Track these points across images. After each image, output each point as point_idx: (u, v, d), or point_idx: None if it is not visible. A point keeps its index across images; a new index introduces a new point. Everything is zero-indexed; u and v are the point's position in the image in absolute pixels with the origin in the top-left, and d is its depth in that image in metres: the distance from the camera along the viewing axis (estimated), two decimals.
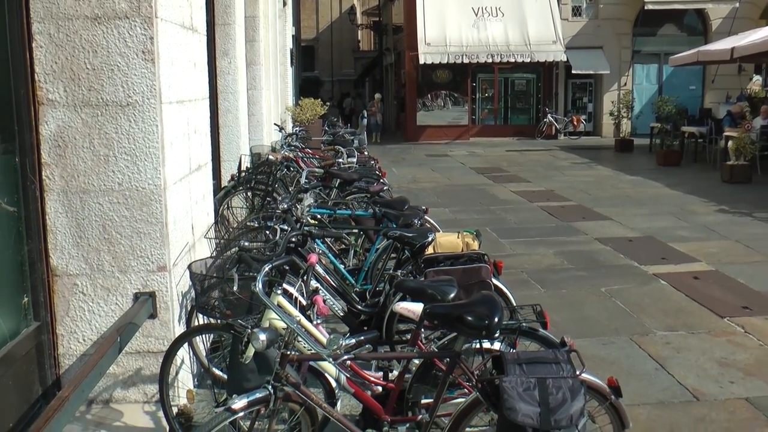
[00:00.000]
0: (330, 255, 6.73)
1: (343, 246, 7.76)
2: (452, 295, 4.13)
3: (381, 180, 9.79)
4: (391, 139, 28.69)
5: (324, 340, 3.71)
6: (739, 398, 5.60)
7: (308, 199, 6.20)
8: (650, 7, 27.78)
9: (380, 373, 4.40)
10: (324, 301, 4.40)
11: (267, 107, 14.14)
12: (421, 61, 27.19)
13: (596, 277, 8.88)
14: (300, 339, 3.72)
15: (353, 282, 6.40)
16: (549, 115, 28.76)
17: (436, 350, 4.25)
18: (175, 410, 4.75)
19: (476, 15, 27.94)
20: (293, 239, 5.06)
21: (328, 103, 20.18)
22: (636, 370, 6.12)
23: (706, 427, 5.16)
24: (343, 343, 3.35)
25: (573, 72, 28.56)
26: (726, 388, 5.78)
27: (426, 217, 7.29)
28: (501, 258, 7.15)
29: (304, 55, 47.69)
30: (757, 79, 28.58)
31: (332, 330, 5.95)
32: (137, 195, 4.63)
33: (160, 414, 4.73)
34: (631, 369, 6.15)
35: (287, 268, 4.58)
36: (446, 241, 5.77)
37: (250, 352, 3.71)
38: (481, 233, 6.10)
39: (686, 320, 7.36)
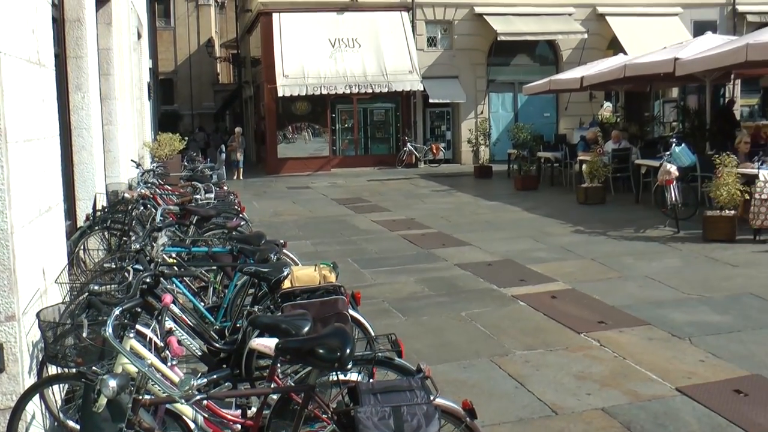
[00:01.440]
0: (188, 293, 6.62)
1: (203, 284, 7.66)
2: (306, 329, 4.13)
3: (240, 215, 9.72)
4: (252, 173, 28.44)
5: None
6: (596, 409, 5.82)
7: (162, 238, 6.11)
8: (503, 38, 28.52)
9: (239, 411, 4.35)
10: (179, 341, 4.33)
11: (124, 143, 13.78)
12: (280, 94, 27.12)
13: (457, 302, 9.03)
14: (154, 382, 3.65)
15: (212, 320, 6.32)
16: (409, 144, 29.10)
17: (292, 384, 4.24)
18: None
19: (333, 46, 28.10)
20: (146, 280, 4.95)
21: (186, 138, 19.90)
22: (497, 390, 6.26)
23: None
24: (195, 383, 3.31)
25: (430, 101, 29.04)
26: (583, 400, 5.99)
27: (284, 250, 7.26)
28: (362, 288, 7.21)
29: (162, 88, 46.93)
30: (608, 105, 29.94)
31: (192, 370, 5.86)
32: None
33: None
34: (492, 389, 6.29)
35: (139, 310, 4.49)
36: (303, 275, 5.77)
37: (103, 400, 3.61)
38: (338, 265, 6.11)
39: (545, 338, 7.58)
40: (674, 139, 15.43)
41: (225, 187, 14.12)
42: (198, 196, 11.18)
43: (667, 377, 6.43)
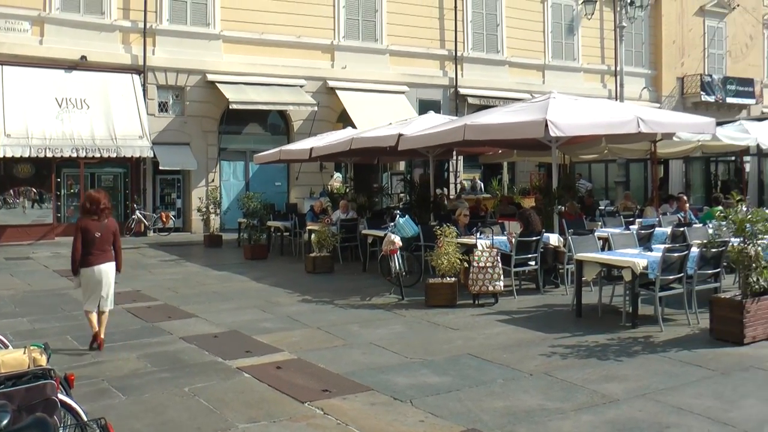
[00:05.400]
0: None
1: None
2: (5, 422, 3.94)
3: None
4: None
5: None
6: None
7: None
8: (235, 106, 28.58)
9: None
10: None
11: None
12: (0, 154, 25.55)
13: (180, 377, 8.87)
14: None
15: None
16: (138, 212, 28.25)
17: None
18: None
19: (60, 106, 26.76)
20: None
21: None
22: None
23: None
24: None
25: (161, 168, 28.43)
26: None
27: None
28: (81, 368, 6.93)
29: None
30: (338, 176, 30.90)
31: None
32: None
33: None
34: None
35: None
36: (10, 359, 5.44)
37: None
38: (50, 346, 5.85)
39: (268, 410, 7.62)
40: (398, 211, 16.16)
41: None
42: None
43: None
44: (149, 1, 28.63)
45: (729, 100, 42.56)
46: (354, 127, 27.39)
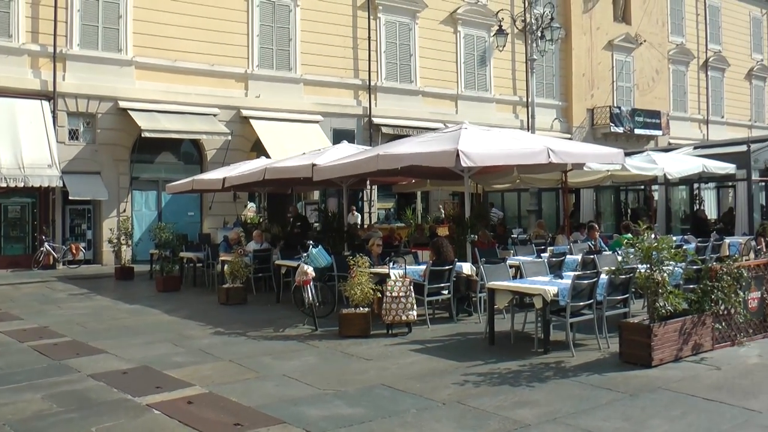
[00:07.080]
0: None
1: None
2: None
3: None
4: None
5: None
6: None
7: None
8: (147, 134, 28.09)
9: None
10: None
11: None
12: None
13: (88, 417, 8.58)
14: None
15: None
16: (46, 244, 27.38)
17: None
18: None
19: None
20: None
21: None
22: None
23: None
24: None
25: (71, 198, 27.59)
26: None
27: None
28: None
29: None
30: (252, 206, 30.73)
31: None
32: None
33: None
34: None
35: None
36: None
37: None
38: None
39: None
40: (311, 241, 16.11)
41: None
42: None
43: None
44: (59, 24, 27.98)
45: (637, 131, 43.91)
46: (268, 156, 27.28)
